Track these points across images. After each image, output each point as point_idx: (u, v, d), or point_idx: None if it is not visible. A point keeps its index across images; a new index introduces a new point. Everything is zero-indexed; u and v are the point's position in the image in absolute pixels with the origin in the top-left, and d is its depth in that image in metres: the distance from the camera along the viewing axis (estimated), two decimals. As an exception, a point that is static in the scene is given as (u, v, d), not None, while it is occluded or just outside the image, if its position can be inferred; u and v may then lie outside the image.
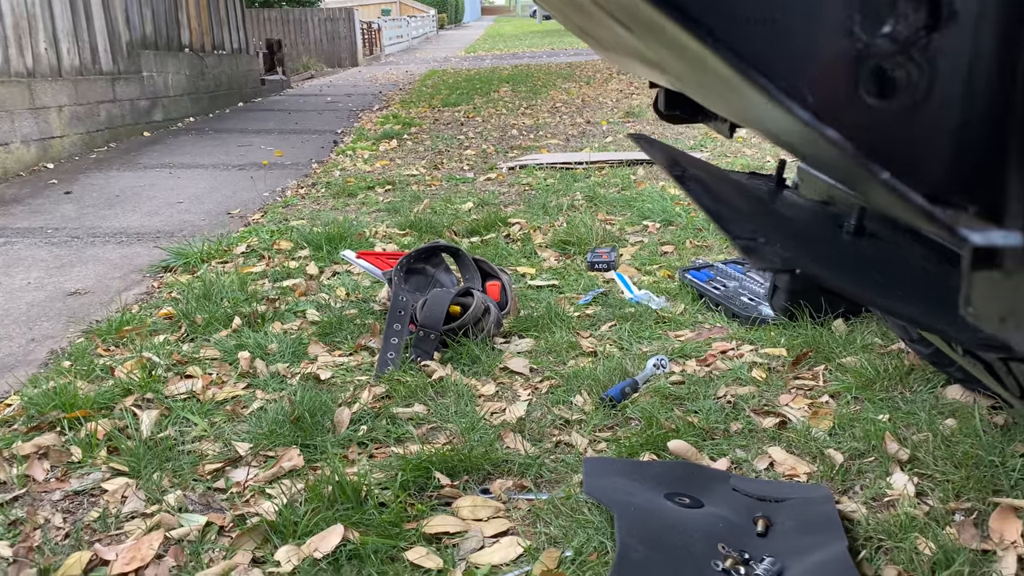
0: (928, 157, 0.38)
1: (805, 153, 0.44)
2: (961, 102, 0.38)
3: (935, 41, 0.37)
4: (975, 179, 0.38)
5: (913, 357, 2.22)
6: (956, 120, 0.38)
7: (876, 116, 0.37)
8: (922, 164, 0.38)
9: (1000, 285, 0.42)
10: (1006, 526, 1.56)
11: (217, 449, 1.97)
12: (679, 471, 1.77)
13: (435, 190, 4.93)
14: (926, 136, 0.38)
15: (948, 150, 0.38)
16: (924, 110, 0.37)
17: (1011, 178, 0.38)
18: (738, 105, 0.46)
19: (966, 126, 0.38)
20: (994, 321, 0.42)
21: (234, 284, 3.09)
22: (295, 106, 10.28)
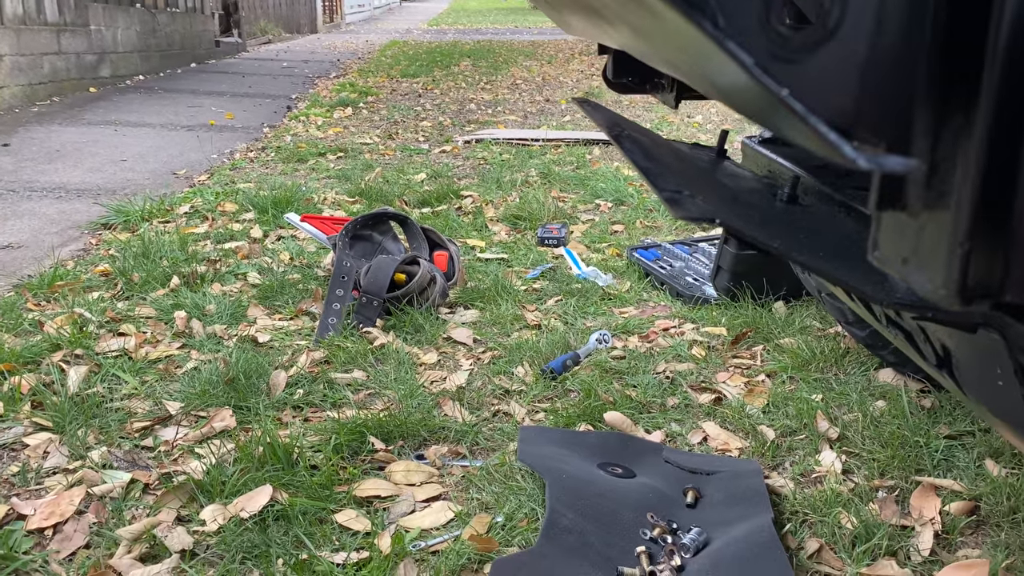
0: (838, 90, 0.37)
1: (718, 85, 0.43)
2: (871, 34, 0.37)
3: (849, -30, 0.36)
4: (883, 114, 0.38)
5: (849, 340, 2.26)
6: (865, 52, 0.37)
7: (788, 47, 0.37)
8: (832, 97, 0.37)
9: (904, 226, 0.42)
10: (926, 503, 1.60)
11: (147, 408, 1.92)
12: (613, 442, 1.78)
13: (388, 159, 4.87)
14: (836, 69, 0.37)
15: (857, 84, 0.37)
16: (835, 41, 0.37)
17: (917, 113, 0.38)
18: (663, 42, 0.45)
19: (875, 59, 0.37)
20: (897, 263, 0.42)
21: (174, 244, 3.02)
22: (250, 70, 10.05)
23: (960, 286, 0.37)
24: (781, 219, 0.78)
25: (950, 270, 0.37)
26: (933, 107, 0.37)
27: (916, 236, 0.40)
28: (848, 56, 0.37)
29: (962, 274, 0.37)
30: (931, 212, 0.38)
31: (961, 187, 0.36)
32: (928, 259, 0.39)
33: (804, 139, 0.36)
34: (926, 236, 0.39)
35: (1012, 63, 0.35)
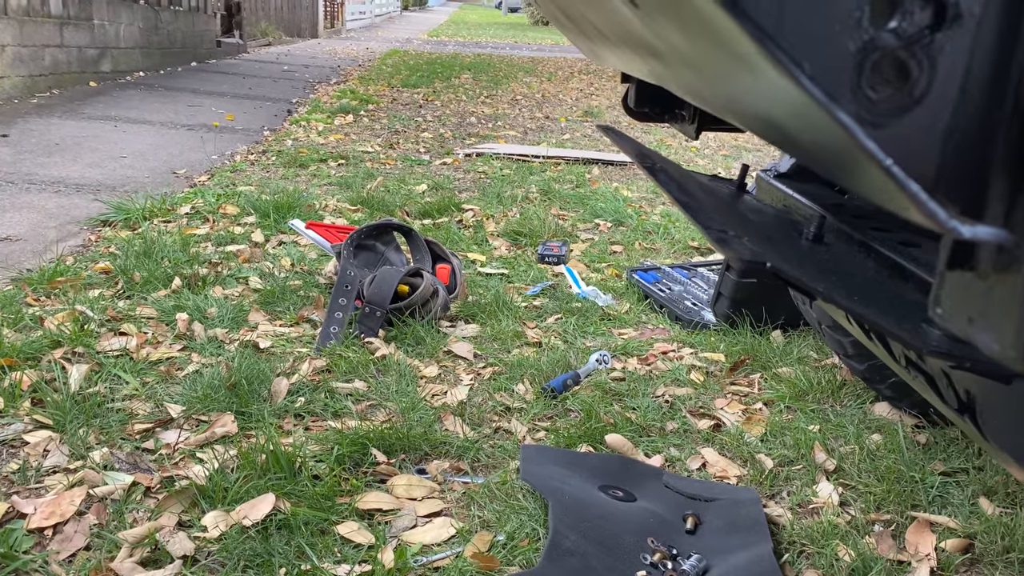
0: (921, 155, 0.39)
1: (799, 140, 0.45)
2: (956, 103, 0.39)
3: (938, 40, 0.38)
4: (960, 179, 0.39)
5: (846, 372, 2.29)
6: (948, 120, 0.39)
7: (875, 111, 0.38)
8: (913, 160, 0.39)
9: (971, 285, 0.43)
10: (922, 539, 1.62)
11: (148, 409, 1.92)
12: (614, 464, 1.79)
13: (389, 169, 4.88)
14: (919, 134, 0.39)
15: (938, 149, 0.39)
16: (921, 108, 0.39)
17: (994, 180, 0.40)
18: (739, 89, 0.47)
19: (957, 127, 0.39)
20: (963, 322, 0.43)
21: (176, 244, 3.01)
22: (250, 71, 10.05)
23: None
24: (813, 260, 0.80)
25: (1020, 333, 0.39)
26: (1010, 176, 0.39)
27: (984, 297, 0.41)
28: (933, 123, 0.38)
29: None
30: (1001, 276, 0.40)
31: (1035, 255, 0.38)
32: (997, 321, 0.40)
33: (890, 201, 0.38)
34: (995, 298, 0.41)
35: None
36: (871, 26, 0.37)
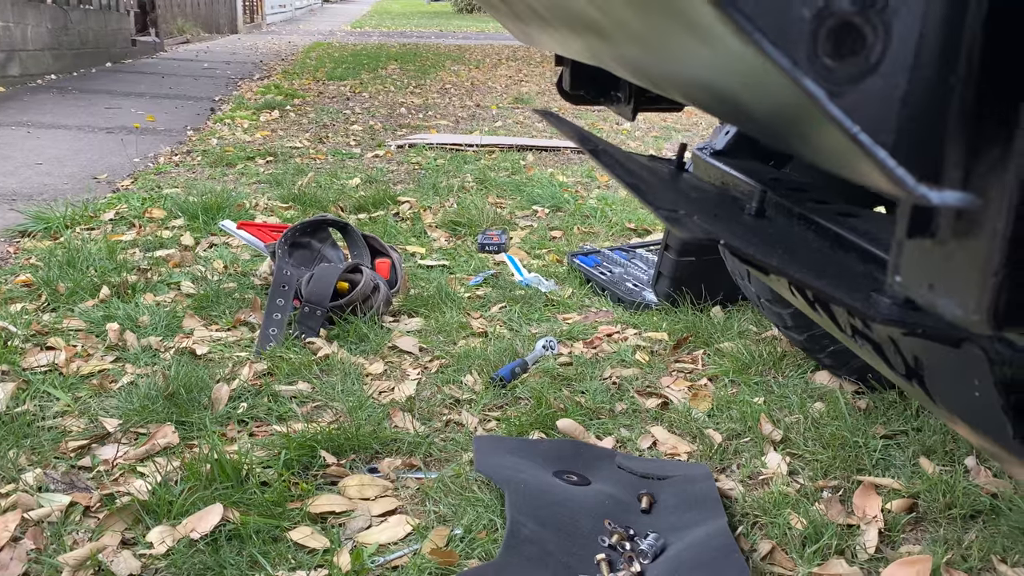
0: (877, 120, 0.39)
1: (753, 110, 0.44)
2: (911, 68, 0.38)
3: (892, 5, 0.37)
4: (919, 145, 0.39)
5: (786, 344, 2.33)
6: (905, 85, 0.38)
7: (832, 78, 0.38)
8: (871, 127, 0.38)
9: (931, 253, 0.43)
10: (868, 502, 1.66)
11: (82, 425, 1.84)
12: (567, 449, 1.79)
13: (320, 164, 4.79)
14: (876, 99, 0.38)
15: (896, 114, 0.39)
16: (878, 74, 0.38)
17: (951, 145, 0.39)
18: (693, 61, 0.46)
19: (914, 92, 0.38)
20: (922, 288, 0.43)
21: (101, 252, 2.90)
22: (169, 70, 9.73)
23: (992, 313, 0.39)
24: (759, 235, 0.80)
25: (983, 298, 0.39)
26: (968, 140, 0.38)
27: (944, 263, 0.41)
28: (890, 89, 0.38)
29: (994, 302, 0.39)
30: (961, 240, 0.40)
31: (995, 219, 0.38)
32: (958, 286, 0.40)
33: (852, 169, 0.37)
34: (955, 264, 0.41)
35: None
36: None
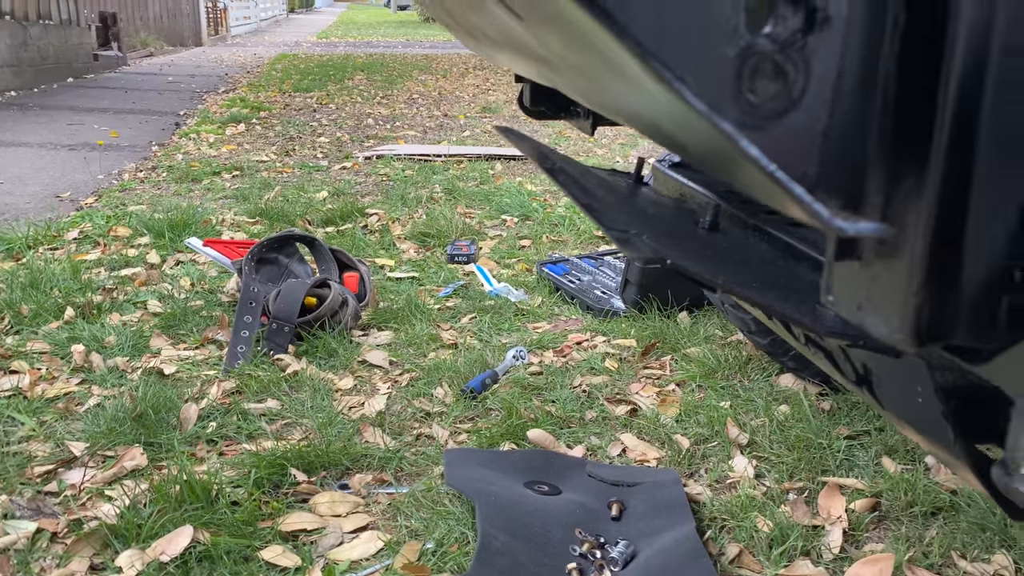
0: (801, 154, 0.41)
1: (687, 145, 0.46)
2: (831, 102, 0.40)
3: (810, 43, 0.39)
4: (840, 176, 0.41)
5: (750, 348, 2.37)
6: (826, 119, 0.40)
7: (757, 114, 0.39)
8: (795, 160, 0.41)
9: (858, 274, 0.45)
10: (833, 503, 1.70)
11: (48, 450, 1.82)
12: (538, 459, 1.81)
13: (287, 177, 4.77)
14: (799, 133, 0.40)
15: (818, 148, 0.41)
16: (799, 109, 0.40)
17: (871, 175, 0.42)
18: (626, 98, 0.48)
19: (834, 125, 0.41)
20: (852, 308, 0.45)
21: (65, 272, 2.87)
22: (132, 84, 9.64)
23: (915, 331, 0.41)
24: (712, 249, 0.82)
25: (905, 317, 0.41)
26: (887, 169, 0.40)
27: (870, 284, 0.44)
28: (811, 123, 0.40)
29: (916, 320, 0.41)
30: (884, 263, 0.42)
31: (914, 242, 0.40)
32: (883, 306, 0.43)
33: (776, 201, 0.39)
34: (880, 285, 0.43)
35: (959, 131, 0.39)
36: (748, 32, 0.38)
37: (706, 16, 0.37)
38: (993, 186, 0.39)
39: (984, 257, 0.40)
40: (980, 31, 0.38)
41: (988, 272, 0.40)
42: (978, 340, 0.41)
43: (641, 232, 0.65)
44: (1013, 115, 0.38)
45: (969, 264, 0.40)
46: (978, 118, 0.39)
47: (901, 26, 0.39)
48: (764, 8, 0.38)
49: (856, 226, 0.39)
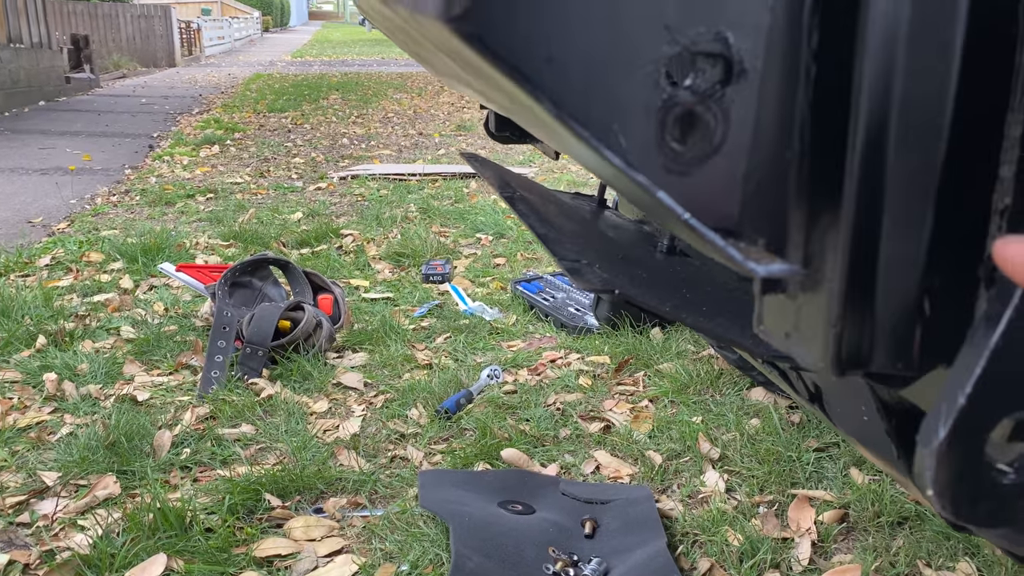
0: (724, 197, 0.43)
1: (619, 189, 0.49)
2: (749, 148, 0.43)
3: (728, 94, 0.42)
4: (762, 217, 0.44)
5: (722, 362, 2.40)
6: (745, 165, 0.43)
7: (680, 160, 0.42)
8: (718, 204, 0.43)
9: (784, 306, 0.48)
10: (802, 515, 1.72)
11: (20, 480, 1.81)
12: (512, 479, 1.82)
13: (261, 199, 4.77)
14: (722, 178, 0.43)
15: (740, 191, 0.43)
16: (720, 155, 0.43)
17: (791, 217, 0.44)
18: (558, 142, 0.50)
19: (754, 170, 0.43)
20: (780, 337, 0.48)
21: (37, 299, 2.85)
22: (105, 107, 9.60)
23: (835, 360, 0.44)
24: (666, 275, 0.85)
25: (826, 346, 0.44)
26: (805, 211, 0.43)
27: (795, 315, 0.46)
28: (731, 168, 0.42)
29: (836, 350, 0.44)
30: (806, 296, 0.45)
31: (831, 278, 0.43)
32: (806, 336, 0.45)
33: (695, 244, 0.42)
34: (803, 316, 0.45)
35: (868, 174, 0.41)
36: (669, 85, 0.41)
37: (629, 72, 0.40)
38: (902, 226, 0.42)
39: (896, 291, 0.43)
40: (883, 82, 0.40)
41: (901, 305, 0.43)
42: (894, 368, 0.44)
43: (593, 261, 0.68)
44: (915, 159, 0.41)
45: (882, 298, 0.43)
46: (884, 162, 0.41)
47: (812, 76, 0.42)
48: (685, 63, 0.41)
49: (768, 268, 0.42)
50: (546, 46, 0.38)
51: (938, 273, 0.42)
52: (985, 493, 0.37)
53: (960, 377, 0.36)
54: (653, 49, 0.40)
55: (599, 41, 0.39)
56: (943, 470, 0.36)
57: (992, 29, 0.39)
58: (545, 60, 0.39)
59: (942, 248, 0.42)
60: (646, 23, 0.40)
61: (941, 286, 0.42)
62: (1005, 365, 0.36)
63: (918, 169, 0.41)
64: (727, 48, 0.41)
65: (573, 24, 0.38)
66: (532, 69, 0.37)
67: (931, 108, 0.40)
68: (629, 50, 0.40)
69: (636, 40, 0.40)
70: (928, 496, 0.37)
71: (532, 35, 0.37)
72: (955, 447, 0.36)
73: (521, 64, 0.37)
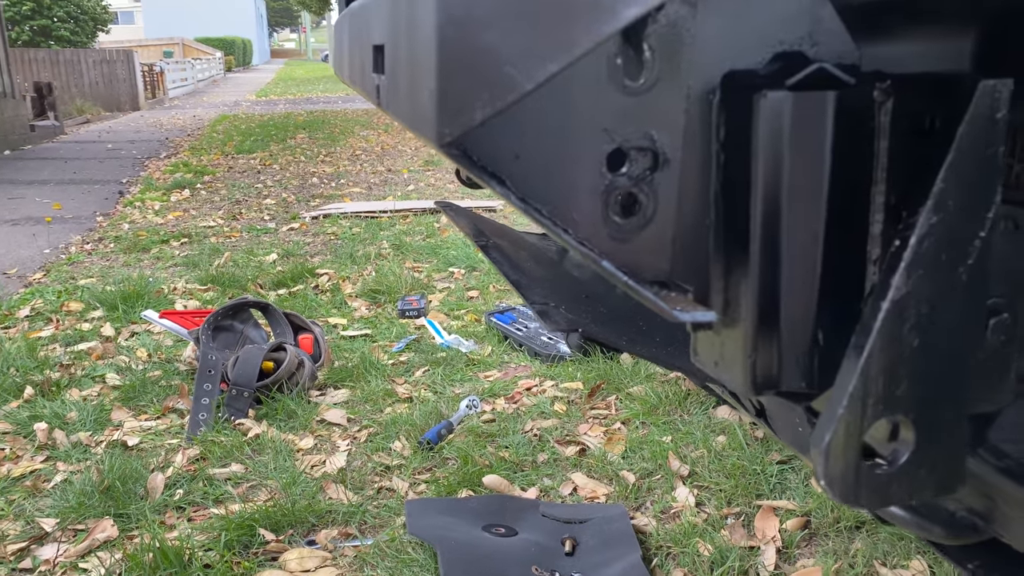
0: (659, 258, 0.54)
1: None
2: (675, 219, 0.55)
3: (656, 178, 0.54)
4: (689, 272, 0.55)
5: (688, 383, 2.53)
6: (673, 231, 0.55)
7: (622, 230, 0.53)
8: (654, 263, 0.54)
9: (712, 341, 0.59)
10: (767, 524, 1.84)
11: (19, 528, 1.87)
12: (494, 504, 1.92)
13: (235, 242, 4.85)
14: (656, 243, 0.54)
15: (670, 252, 0.55)
16: (653, 225, 0.54)
17: (712, 271, 0.56)
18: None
19: (680, 236, 0.55)
20: (711, 365, 0.59)
21: (21, 351, 2.91)
22: (72, 154, 9.61)
23: (752, 382, 0.55)
24: (625, 309, 0.96)
25: (744, 372, 0.55)
26: (722, 267, 0.55)
27: (720, 348, 0.57)
28: (662, 235, 0.54)
29: (752, 375, 0.55)
30: (728, 332, 0.56)
31: (745, 318, 0.54)
32: (730, 364, 0.56)
33: (636, 298, 0.53)
34: (726, 349, 0.57)
35: (767, 237, 0.53)
36: (609, 173, 0.52)
37: (577, 166, 0.51)
38: (798, 275, 0.53)
39: (796, 327, 0.54)
40: (773, 166, 0.52)
41: (800, 337, 0.55)
42: (800, 387, 0.55)
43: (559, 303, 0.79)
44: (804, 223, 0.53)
45: (785, 333, 0.54)
46: (780, 226, 0.53)
47: (721, 162, 0.54)
48: (621, 156, 0.52)
49: (691, 316, 0.53)
50: (514, 150, 0.49)
51: (827, 312, 0.54)
52: (863, 482, 0.48)
53: (839, 393, 0.47)
54: (596, 147, 0.52)
55: (554, 144, 0.50)
56: (829, 465, 0.47)
57: (856, 127, 0.51)
58: (514, 158, 0.50)
59: (830, 291, 0.54)
60: (590, 128, 0.51)
61: (830, 322, 0.54)
62: (871, 383, 0.47)
63: (807, 230, 0.53)
64: (653, 143, 0.53)
65: (535, 136, 0.49)
66: (503, 171, 0.48)
67: (812, 184, 0.52)
68: (577, 149, 0.51)
69: (582, 141, 0.51)
70: (821, 486, 0.48)
71: (503, 146, 0.48)
72: (837, 446, 0.47)
73: (495, 170, 0.48)
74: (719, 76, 0.52)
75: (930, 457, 0.48)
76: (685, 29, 0.51)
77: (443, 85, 0.41)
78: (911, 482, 0.48)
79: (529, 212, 0.49)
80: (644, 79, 0.51)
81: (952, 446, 0.49)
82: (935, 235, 0.44)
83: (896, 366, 0.46)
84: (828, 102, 0.50)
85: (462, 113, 0.41)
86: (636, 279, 0.52)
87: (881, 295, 0.45)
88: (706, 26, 0.51)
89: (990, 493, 0.65)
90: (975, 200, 0.45)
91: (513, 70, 0.40)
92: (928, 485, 0.48)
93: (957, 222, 0.45)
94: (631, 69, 0.51)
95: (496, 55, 0.40)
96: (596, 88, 0.51)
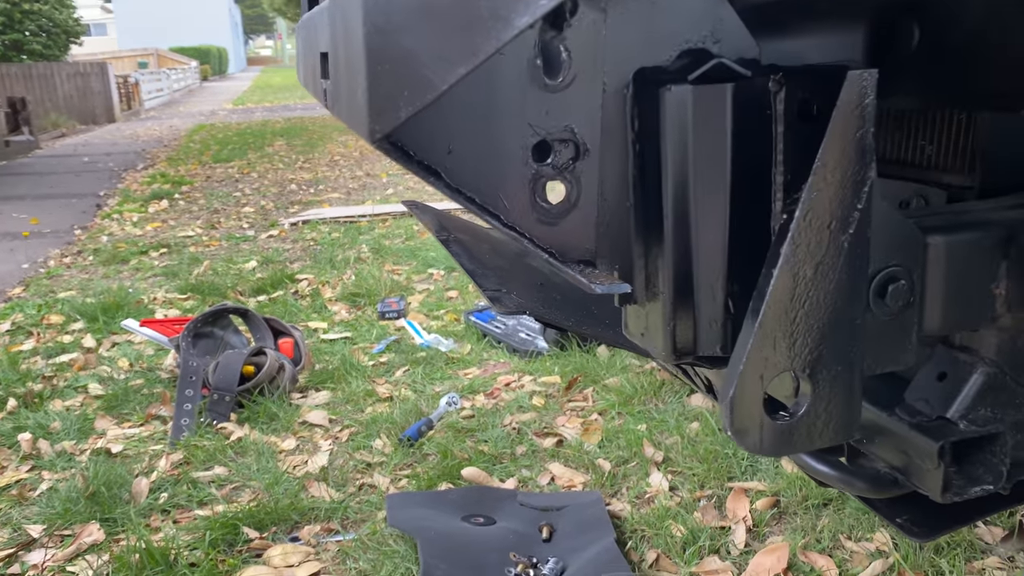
0: (585, 239, 0.60)
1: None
2: (597, 204, 0.60)
3: (579, 167, 0.59)
4: (611, 251, 0.61)
5: (662, 373, 2.59)
6: (596, 215, 0.60)
7: (549, 214, 0.59)
8: (581, 244, 0.60)
9: (639, 314, 0.65)
10: (739, 505, 1.90)
11: (6, 535, 1.90)
12: (473, 495, 1.97)
13: (214, 250, 4.87)
14: (581, 226, 0.60)
15: (594, 234, 0.60)
16: (578, 210, 0.59)
17: (633, 249, 0.61)
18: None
19: (602, 219, 0.60)
20: (639, 336, 0.64)
21: (3, 364, 2.93)
22: (47, 168, 9.57)
23: (672, 349, 0.60)
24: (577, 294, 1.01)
25: (666, 340, 0.60)
26: (641, 245, 0.60)
27: (645, 320, 0.63)
28: (587, 218, 0.59)
29: (672, 342, 0.60)
30: (650, 305, 0.62)
31: (664, 290, 0.59)
32: (653, 334, 0.62)
33: (561, 274, 0.58)
34: (650, 319, 0.62)
35: (679, 217, 0.59)
36: (536, 163, 0.58)
37: (506, 158, 0.57)
38: (708, 249, 0.59)
39: (709, 296, 0.60)
40: (680, 153, 0.58)
41: (713, 306, 0.60)
42: (715, 351, 0.61)
43: (512, 290, 0.84)
44: (710, 203, 0.58)
45: (700, 303, 0.60)
46: (689, 206, 0.59)
47: (637, 151, 0.59)
48: (545, 147, 0.58)
49: (606, 288, 0.58)
50: (447, 145, 0.55)
51: (736, 282, 0.60)
52: (767, 431, 0.53)
53: (739, 353, 0.53)
54: (522, 140, 0.57)
55: (484, 138, 0.56)
56: (735, 417, 0.52)
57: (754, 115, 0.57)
58: (446, 152, 0.55)
59: (738, 263, 0.59)
60: (516, 123, 0.57)
61: (739, 291, 0.60)
62: (766, 342, 0.53)
63: (714, 209, 0.59)
64: (574, 135, 0.58)
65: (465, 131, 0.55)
66: (437, 164, 0.53)
67: (716, 167, 0.58)
68: (505, 142, 0.57)
69: (509, 135, 0.57)
70: (728, 435, 0.54)
71: (436, 141, 0.54)
72: (740, 400, 0.52)
73: (430, 163, 0.53)
74: (631, 73, 0.58)
75: (826, 409, 0.54)
76: (597, 32, 0.56)
77: (371, 86, 0.46)
78: (810, 431, 0.54)
79: (460, 200, 0.54)
80: (562, 77, 0.56)
81: (847, 399, 0.54)
82: (817, 208, 0.50)
83: (788, 327, 0.52)
84: (726, 93, 0.56)
85: (388, 111, 0.47)
86: (563, 259, 0.57)
87: (772, 263, 0.51)
88: (617, 28, 0.57)
89: (906, 449, 0.71)
90: (851, 176, 0.50)
91: (429, 72, 0.45)
92: (826, 433, 0.54)
93: (836, 196, 0.50)
94: (550, 69, 0.56)
95: (414, 59, 0.45)
96: (520, 87, 0.56)
